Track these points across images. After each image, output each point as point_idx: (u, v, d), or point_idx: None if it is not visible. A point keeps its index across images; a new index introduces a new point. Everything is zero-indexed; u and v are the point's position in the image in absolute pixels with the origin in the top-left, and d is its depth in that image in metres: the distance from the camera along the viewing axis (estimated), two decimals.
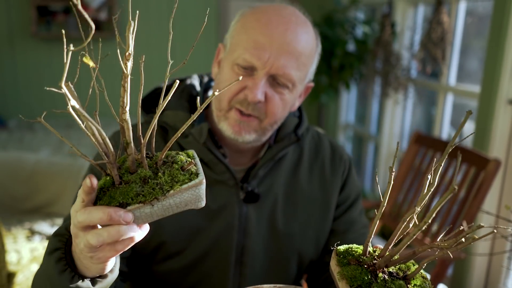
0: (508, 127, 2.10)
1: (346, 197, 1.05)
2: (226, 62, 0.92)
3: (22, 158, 2.72)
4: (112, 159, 0.55)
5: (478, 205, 1.71)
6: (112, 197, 0.56)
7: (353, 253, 0.58)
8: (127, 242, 0.57)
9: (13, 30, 3.92)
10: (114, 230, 0.55)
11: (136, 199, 0.55)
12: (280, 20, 0.88)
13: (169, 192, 0.55)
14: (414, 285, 0.56)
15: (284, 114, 0.95)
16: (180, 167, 0.58)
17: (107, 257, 0.59)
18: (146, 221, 0.57)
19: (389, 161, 3.25)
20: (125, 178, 0.57)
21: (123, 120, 0.54)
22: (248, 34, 0.89)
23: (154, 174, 0.57)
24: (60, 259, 0.66)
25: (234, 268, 0.97)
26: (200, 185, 0.57)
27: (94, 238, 0.56)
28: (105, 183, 0.58)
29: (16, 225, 2.34)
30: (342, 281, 0.55)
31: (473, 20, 2.59)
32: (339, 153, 1.07)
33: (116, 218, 0.54)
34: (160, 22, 4.07)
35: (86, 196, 0.55)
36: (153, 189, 0.55)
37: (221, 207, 0.95)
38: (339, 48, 3.04)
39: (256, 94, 0.87)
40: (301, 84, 0.94)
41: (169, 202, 0.56)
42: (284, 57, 0.87)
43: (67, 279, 0.64)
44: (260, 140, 0.95)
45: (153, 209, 0.55)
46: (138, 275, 1.00)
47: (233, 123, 0.91)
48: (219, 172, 0.95)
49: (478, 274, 2.24)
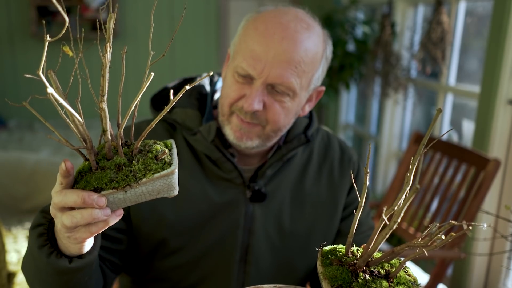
0: (508, 127, 2.10)
1: (354, 198, 1.05)
2: (229, 69, 0.93)
3: (22, 158, 2.72)
4: (89, 145, 0.58)
5: (478, 205, 1.71)
6: (88, 181, 0.59)
7: (336, 253, 0.59)
8: (101, 225, 0.60)
9: (13, 30, 3.92)
10: (87, 213, 0.58)
11: (110, 184, 0.58)
12: (278, 28, 0.87)
13: (142, 180, 0.58)
14: (397, 283, 0.56)
15: (289, 120, 0.95)
16: (154, 156, 0.60)
17: (82, 238, 0.63)
18: (120, 206, 0.60)
19: (389, 161, 3.25)
20: (102, 164, 0.59)
21: (101, 108, 0.57)
22: (246, 43, 0.89)
23: (128, 162, 0.59)
24: (41, 234, 0.70)
25: (239, 266, 0.97)
26: (172, 174, 0.59)
27: (68, 219, 0.59)
28: (83, 168, 0.61)
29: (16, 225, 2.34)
30: (324, 281, 0.56)
31: (473, 20, 2.60)
32: (348, 155, 1.07)
33: (90, 201, 0.57)
34: (160, 22, 4.07)
35: (63, 179, 0.59)
36: (126, 176, 0.58)
37: (227, 203, 0.96)
38: (339, 48, 3.04)
39: (251, 104, 0.87)
40: (304, 90, 0.93)
41: (141, 190, 0.58)
42: (280, 66, 0.86)
43: (45, 254, 0.68)
44: (264, 145, 0.95)
45: (126, 195, 0.58)
46: (140, 271, 1.00)
47: (235, 128, 0.92)
48: (226, 170, 0.95)
49: (477, 274, 2.25)
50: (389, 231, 0.55)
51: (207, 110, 1.00)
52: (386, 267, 0.58)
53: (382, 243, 0.56)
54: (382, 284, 0.55)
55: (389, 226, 0.54)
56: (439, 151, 1.98)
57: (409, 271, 0.60)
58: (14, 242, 2.08)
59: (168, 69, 4.08)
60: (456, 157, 1.89)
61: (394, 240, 2.52)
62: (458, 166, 1.88)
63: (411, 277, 0.59)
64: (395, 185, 2.14)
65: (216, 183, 0.96)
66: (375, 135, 3.48)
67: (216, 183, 0.96)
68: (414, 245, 0.53)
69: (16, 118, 3.98)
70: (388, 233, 0.55)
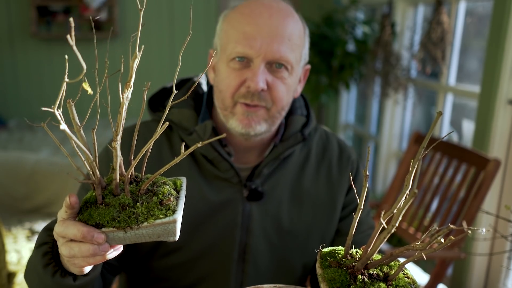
0: (508, 127, 2.10)
1: (353, 198, 1.05)
2: (220, 63, 0.93)
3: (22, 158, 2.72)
4: (97, 180, 0.59)
5: (478, 205, 1.71)
6: (91, 215, 0.59)
7: (335, 255, 0.59)
8: (98, 258, 0.61)
9: (13, 30, 3.92)
10: (85, 247, 0.59)
11: (111, 223, 0.58)
12: (262, 8, 0.90)
13: (143, 223, 0.58)
14: (396, 286, 0.56)
15: (289, 99, 0.96)
16: (159, 200, 0.60)
17: (81, 265, 0.64)
18: (119, 243, 0.61)
19: (389, 161, 3.25)
20: (107, 199, 0.60)
21: (114, 148, 0.57)
22: (235, 29, 0.90)
23: (133, 202, 0.60)
24: (46, 253, 0.72)
25: (237, 266, 0.97)
26: (173, 223, 0.59)
27: (66, 250, 0.61)
28: (90, 198, 0.62)
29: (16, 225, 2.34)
30: (323, 283, 0.56)
31: (473, 20, 2.60)
32: (347, 154, 1.07)
33: (89, 237, 0.58)
34: (160, 21, 4.07)
35: (68, 210, 0.60)
36: (128, 217, 0.58)
37: (224, 203, 0.95)
38: (339, 48, 3.04)
39: (258, 82, 0.88)
40: (298, 65, 0.95)
41: (142, 232, 0.59)
42: (275, 41, 0.88)
43: (50, 273, 0.69)
44: (270, 130, 0.95)
45: (126, 235, 0.59)
46: (138, 271, 1.00)
47: (241, 117, 0.92)
48: (223, 170, 0.95)
49: (477, 274, 2.25)
50: (387, 235, 0.55)
51: (202, 109, 0.99)
52: (385, 269, 0.58)
53: (382, 244, 0.56)
54: (381, 287, 0.55)
55: (387, 230, 0.54)
56: (439, 151, 1.98)
57: (408, 273, 0.60)
58: (14, 242, 2.08)
59: (168, 69, 4.08)
60: (456, 157, 1.89)
61: (394, 240, 2.52)
62: (458, 166, 1.88)
63: (410, 279, 0.59)
64: (395, 185, 2.14)
65: (213, 183, 0.95)
66: (375, 135, 3.48)
67: (212, 182, 0.95)
68: (413, 248, 0.53)
69: (16, 118, 3.98)
70: (387, 236, 0.55)
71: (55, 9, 3.88)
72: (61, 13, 3.88)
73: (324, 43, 3.03)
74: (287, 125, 1.01)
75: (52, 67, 4.01)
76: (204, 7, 4.15)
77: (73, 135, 0.53)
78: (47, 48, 3.95)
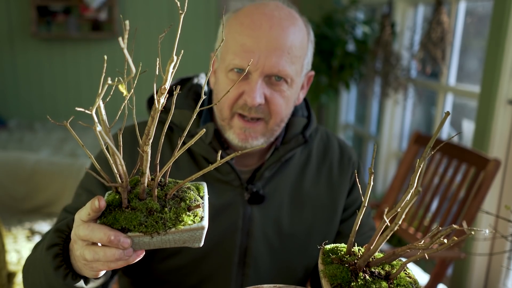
0: (508, 127, 2.10)
1: (354, 199, 1.05)
2: (219, 71, 0.92)
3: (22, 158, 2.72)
4: (125, 183, 0.57)
5: (478, 205, 1.71)
6: (116, 219, 0.58)
7: (337, 252, 0.59)
8: (120, 263, 0.60)
9: (13, 30, 3.92)
10: (110, 252, 0.58)
11: (138, 228, 0.57)
12: (263, 18, 0.87)
13: (171, 229, 0.57)
14: (397, 284, 0.56)
15: (289, 110, 0.94)
16: (187, 206, 0.59)
17: (99, 269, 0.63)
18: (143, 248, 0.60)
19: (389, 161, 3.25)
20: (133, 203, 0.58)
21: (145, 151, 0.56)
22: (234, 40, 0.88)
23: (161, 207, 0.58)
24: (57, 255, 0.70)
25: (237, 269, 0.97)
26: (201, 229, 0.59)
27: (91, 254, 0.60)
28: (112, 201, 0.60)
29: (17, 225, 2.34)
30: (324, 279, 0.56)
31: (472, 20, 2.60)
32: (348, 155, 1.06)
33: (115, 242, 0.57)
34: (160, 22, 4.07)
35: (92, 212, 0.58)
36: (156, 222, 0.57)
37: (225, 206, 0.95)
38: (339, 48, 3.04)
39: (254, 98, 0.86)
40: (298, 77, 0.93)
41: (168, 238, 0.58)
42: (274, 54, 0.86)
43: (61, 276, 0.68)
44: (268, 142, 0.95)
45: (152, 240, 0.58)
46: (139, 273, 1.00)
47: (238, 131, 0.91)
48: (224, 172, 0.94)
49: (477, 274, 2.25)
50: (390, 233, 0.55)
51: (204, 111, 0.99)
52: (386, 268, 0.58)
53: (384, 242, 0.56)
54: (382, 285, 0.55)
55: (390, 228, 0.54)
56: (439, 151, 1.98)
57: (409, 273, 0.60)
58: (14, 242, 2.08)
59: None
60: (456, 157, 1.89)
61: (394, 240, 2.52)
62: (458, 166, 1.88)
63: (411, 278, 0.59)
64: (395, 185, 2.14)
65: (213, 185, 0.95)
66: (375, 135, 3.48)
67: (213, 185, 0.95)
68: (415, 247, 0.53)
69: (16, 118, 3.98)
70: (389, 234, 0.55)
71: (55, 9, 3.88)
72: (61, 13, 3.88)
73: (324, 43, 3.03)
74: (288, 127, 1.01)
75: (52, 67, 4.01)
76: (204, 7, 4.15)
77: (106, 137, 0.52)
78: (47, 48, 3.95)
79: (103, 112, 0.52)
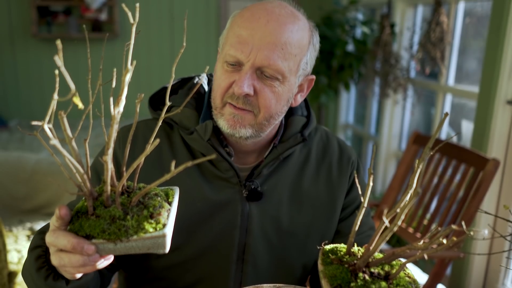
0: (507, 127, 2.10)
1: (353, 199, 1.05)
2: (218, 62, 0.94)
3: (23, 158, 2.72)
4: (87, 192, 0.60)
5: (477, 205, 1.72)
6: (82, 226, 0.60)
7: (337, 253, 0.60)
8: (88, 268, 0.62)
9: (13, 30, 3.92)
10: (75, 258, 0.60)
11: (101, 235, 0.59)
12: (263, 12, 0.88)
13: (133, 237, 0.58)
14: (396, 284, 0.56)
15: (281, 107, 0.94)
16: (150, 214, 0.60)
17: (72, 273, 0.65)
18: (109, 254, 0.61)
19: (388, 161, 3.25)
20: (98, 211, 0.60)
21: (105, 161, 0.58)
22: (233, 31, 0.90)
23: (124, 214, 0.60)
24: (39, 256, 0.73)
25: (236, 266, 0.97)
26: (163, 237, 0.59)
27: (57, 260, 0.62)
28: (81, 208, 0.62)
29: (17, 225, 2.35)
30: (324, 280, 0.56)
31: (472, 21, 2.60)
32: (347, 154, 1.07)
33: (79, 249, 0.58)
34: (160, 21, 4.07)
35: (58, 219, 0.61)
36: (118, 229, 0.59)
37: (223, 203, 0.96)
38: (339, 48, 3.05)
39: (241, 87, 0.87)
40: (293, 75, 0.92)
41: (131, 245, 0.59)
42: (267, 48, 0.86)
43: (43, 277, 0.71)
44: (258, 135, 0.94)
45: (116, 246, 0.59)
46: (137, 270, 1.00)
47: (228, 117, 0.91)
48: (223, 169, 0.95)
49: (476, 273, 2.25)
50: (390, 233, 0.55)
51: (204, 109, 1.00)
52: (386, 268, 0.59)
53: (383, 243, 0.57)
54: (381, 285, 0.55)
55: (390, 229, 0.54)
56: (438, 151, 1.99)
57: (409, 273, 0.60)
58: (15, 242, 2.09)
59: (168, 69, 4.09)
60: (455, 157, 1.90)
61: (393, 240, 2.53)
62: (457, 166, 1.88)
63: (410, 278, 0.59)
64: (394, 185, 2.15)
65: (212, 182, 0.96)
66: (374, 135, 3.49)
67: (212, 182, 0.96)
68: (415, 247, 0.54)
69: (17, 118, 3.98)
70: (389, 235, 0.55)
71: (55, 10, 3.88)
72: (61, 14, 3.89)
73: (323, 44, 3.03)
74: (287, 125, 1.01)
75: (53, 68, 4.01)
76: (204, 7, 4.15)
77: (63, 149, 0.54)
78: (47, 48, 3.96)
79: (65, 122, 0.54)
